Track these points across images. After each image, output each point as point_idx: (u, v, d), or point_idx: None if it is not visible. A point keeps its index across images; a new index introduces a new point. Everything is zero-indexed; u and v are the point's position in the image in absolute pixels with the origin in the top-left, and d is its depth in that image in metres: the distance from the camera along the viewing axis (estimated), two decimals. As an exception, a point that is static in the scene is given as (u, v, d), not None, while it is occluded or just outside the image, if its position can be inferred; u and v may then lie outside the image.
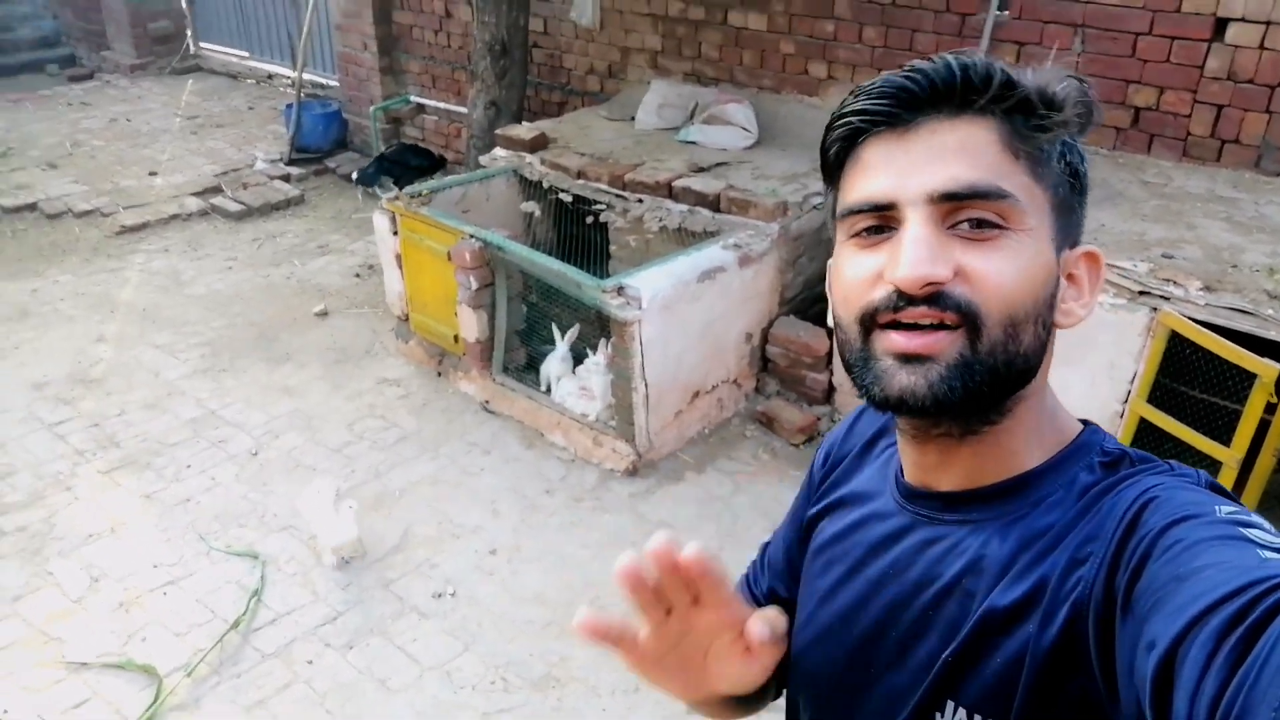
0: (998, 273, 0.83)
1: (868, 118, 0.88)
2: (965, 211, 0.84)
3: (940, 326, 0.84)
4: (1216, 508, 0.76)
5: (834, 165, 0.94)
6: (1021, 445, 0.91)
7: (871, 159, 0.88)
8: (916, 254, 0.82)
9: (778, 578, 1.21)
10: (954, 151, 0.85)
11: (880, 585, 0.98)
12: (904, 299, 0.84)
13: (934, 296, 0.83)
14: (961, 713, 0.88)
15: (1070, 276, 0.90)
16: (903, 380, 0.85)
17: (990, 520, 0.91)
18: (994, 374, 0.85)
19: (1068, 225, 0.90)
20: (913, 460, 0.98)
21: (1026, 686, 0.82)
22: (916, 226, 0.84)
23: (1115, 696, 0.75)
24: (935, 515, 0.95)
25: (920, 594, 0.93)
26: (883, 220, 0.87)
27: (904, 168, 0.86)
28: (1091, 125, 0.90)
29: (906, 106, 0.86)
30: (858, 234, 0.89)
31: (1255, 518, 0.75)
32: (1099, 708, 0.78)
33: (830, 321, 0.97)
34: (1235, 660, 0.59)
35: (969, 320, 0.83)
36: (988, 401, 0.88)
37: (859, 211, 0.88)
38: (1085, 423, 0.96)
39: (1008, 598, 0.85)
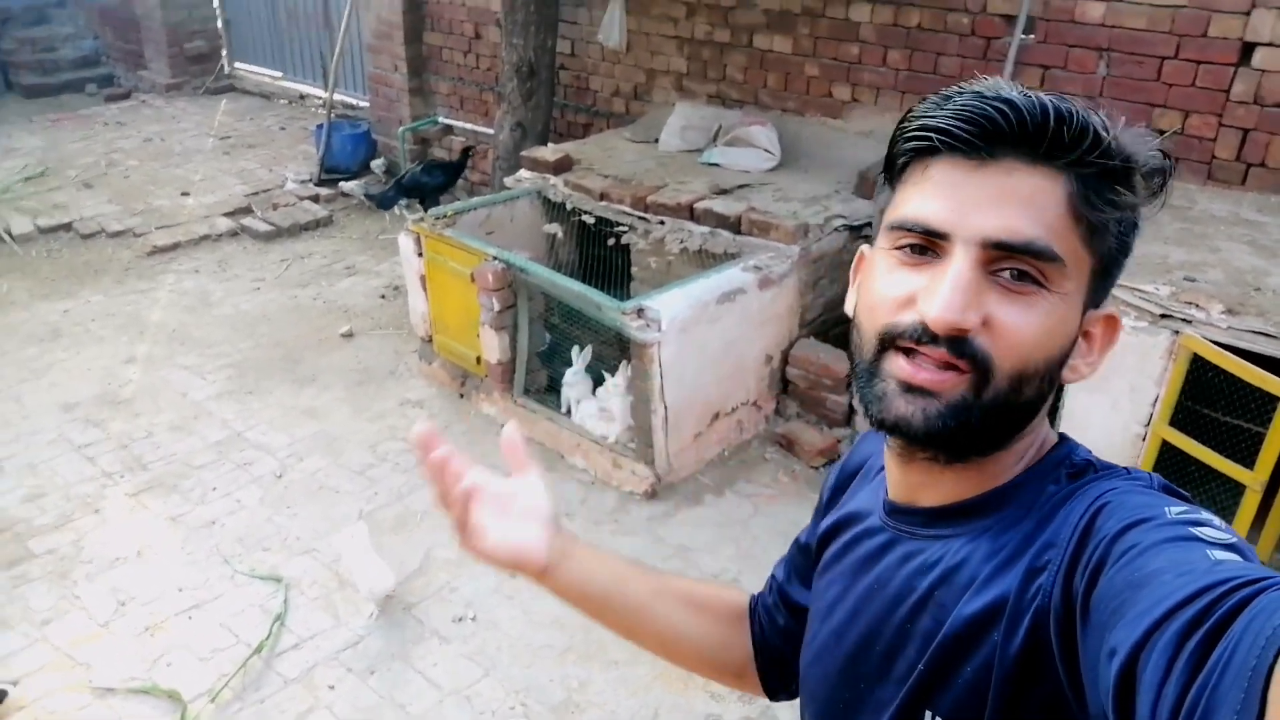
0: (1021, 331, 0.85)
1: (946, 139, 0.86)
2: (1012, 261, 0.85)
3: (951, 368, 0.86)
4: (1167, 509, 0.77)
5: (898, 168, 0.93)
6: (1006, 469, 0.94)
7: (938, 179, 0.88)
8: (953, 299, 0.83)
9: (791, 575, 1.28)
10: (1022, 200, 0.84)
11: (866, 600, 1.01)
12: (928, 335, 0.85)
13: (956, 341, 0.84)
14: None
15: (1086, 334, 0.92)
16: (901, 408, 0.87)
17: (962, 534, 0.93)
18: (987, 418, 0.87)
19: (1100, 288, 0.91)
20: (896, 479, 1.01)
21: (995, 695, 0.84)
22: (961, 268, 0.84)
23: (1083, 703, 0.76)
24: (914, 530, 0.98)
25: (899, 607, 0.96)
26: (930, 244, 0.87)
27: (967, 202, 0.85)
28: (1160, 202, 0.89)
29: (989, 140, 0.85)
30: (902, 248, 0.89)
31: (1205, 515, 0.77)
32: (1067, 714, 0.80)
33: (849, 310, 0.99)
34: (1196, 663, 0.60)
35: (980, 370, 0.85)
36: (982, 442, 0.90)
37: (910, 229, 0.88)
38: (1062, 436, 0.98)
39: (972, 607, 0.88)
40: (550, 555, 1.16)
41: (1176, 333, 3.47)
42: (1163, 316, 3.53)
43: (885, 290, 0.89)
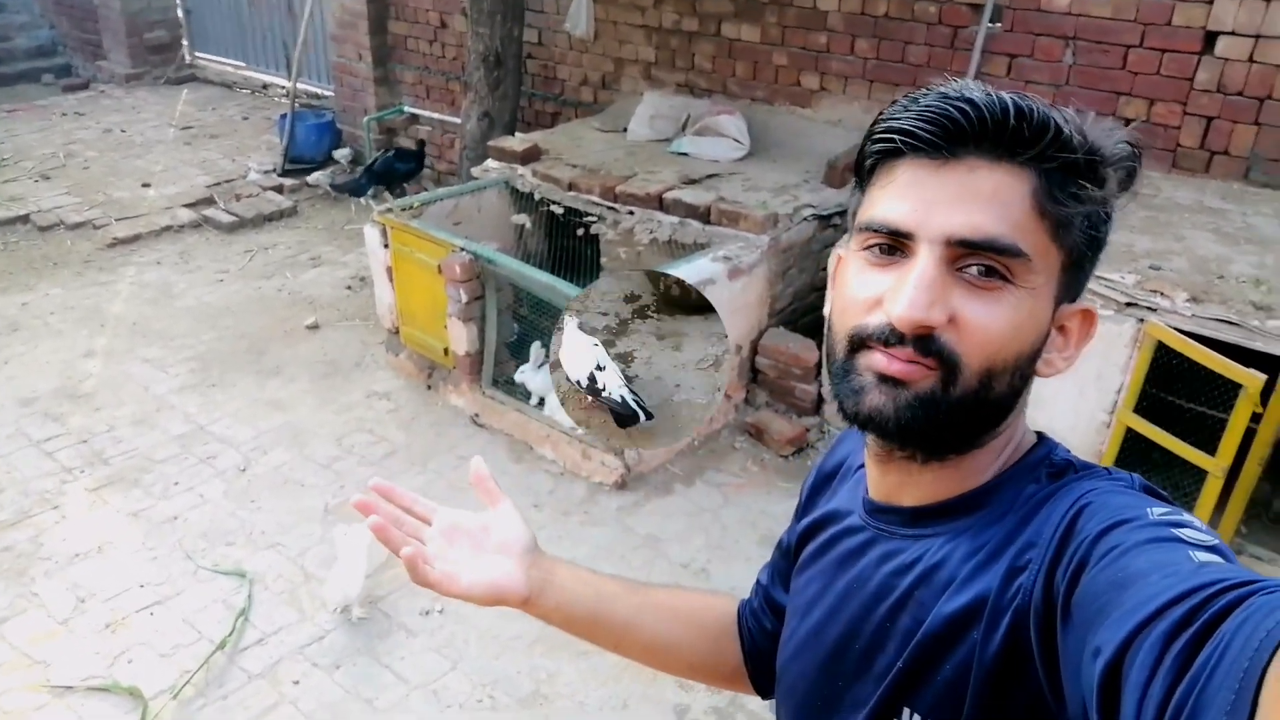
0: (988, 327, 0.85)
1: (909, 139, 0.87)
2: (976, 258, 0.85)
3: (920, 363, 0.86)
4: (1149, 510, 0.78)
5: (867, 170, 0.93)
6: (984, 468, 0.94)
7: (903, 180, 0.88)
8: (917, 297, 0.84)
9: (775, 579, 1.28)
10: (984, 198, 0.84)
11: (846, 599, 1.02)
12: (895, 335, 0.85)
13: (922, 339, 0.85)
14: (917, 718, 0.91)
15: (1061, 328, 0.92)
16: (875, 399, 0.88)
17: (942, 533, 0.94)
18: (955, 414, 0.87)
19: (1073, 282, 0.91)
20: (876, 478, 1.01)
21: (974, 693, 0.85)
22: (925, 266, 0.85)
23: (1061, 704, 0.77)
24: (894, 530, 0.99)
25: (878, 606, 0.97)
26: (897, 244, 0.88)
27: (931, 201, 0.86)
28: (1131, 193, 0.90)
29: (951, 139, 0.85)
30: (870, 248, 0.90)
31: (1186, 517, 0.77)
32: (1047, 713, 0.80)
33: (827, 313, 0.99)
34: (1182, 663, 0.60)
35: (948, 366, 0.85)
36: (953, 437, 0.91)
37: (876, 230, 0.89)
38: (1040, 435, 0.98)
39: (952, 606, 0.88)
40: (530, 586, 1.17)
41: (1142, 321, 3.50)
42: (1128, 305, 3.56)
43: (855, 292, 0.90)
